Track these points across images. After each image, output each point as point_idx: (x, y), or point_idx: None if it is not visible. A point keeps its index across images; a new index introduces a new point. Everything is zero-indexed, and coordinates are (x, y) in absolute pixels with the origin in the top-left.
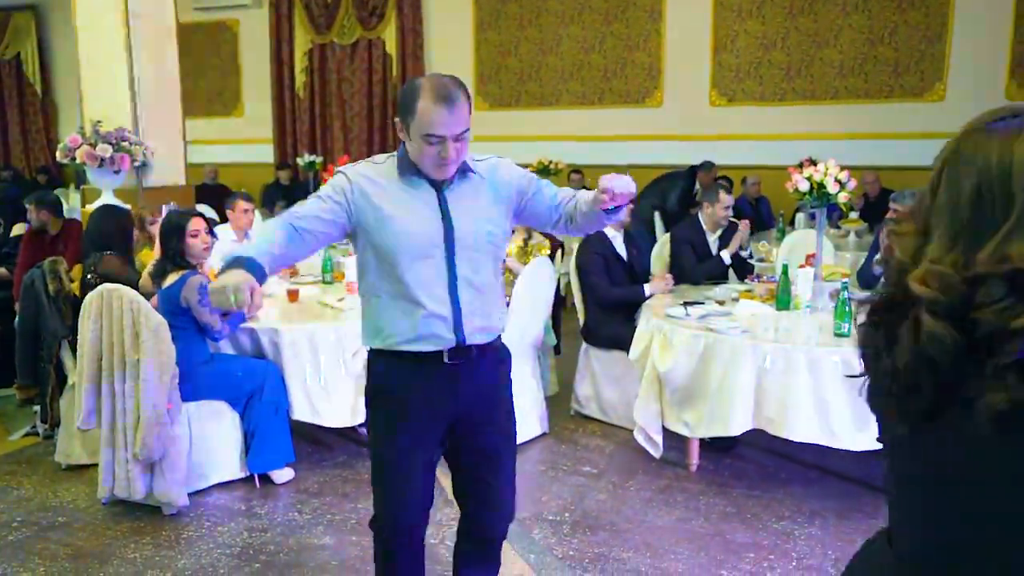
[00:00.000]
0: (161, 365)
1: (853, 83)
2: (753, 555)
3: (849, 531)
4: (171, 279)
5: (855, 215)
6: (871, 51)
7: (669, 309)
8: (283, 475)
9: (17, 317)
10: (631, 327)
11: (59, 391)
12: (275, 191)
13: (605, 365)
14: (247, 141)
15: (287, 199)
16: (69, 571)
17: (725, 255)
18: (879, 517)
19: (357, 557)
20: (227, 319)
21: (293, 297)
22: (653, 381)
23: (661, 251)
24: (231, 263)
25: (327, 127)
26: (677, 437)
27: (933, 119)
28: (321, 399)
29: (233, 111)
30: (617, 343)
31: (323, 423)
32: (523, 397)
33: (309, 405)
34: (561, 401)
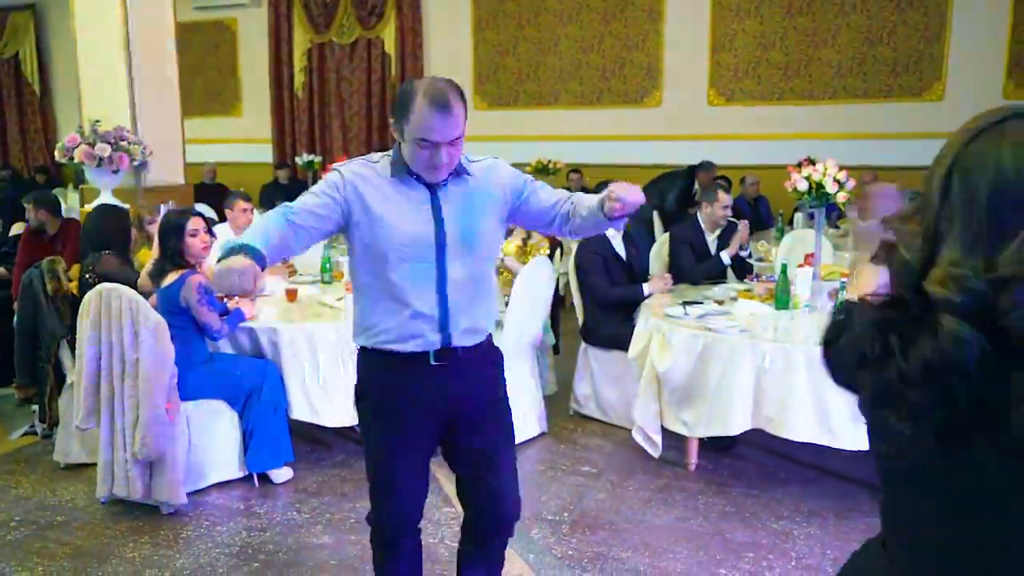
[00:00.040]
0: (160, 364)
1: (851, 83)
2: (752, 554)
3: (848, 531)
4: (170, 279)
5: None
6: (869, 51)
7: (668, 309)
8: (282, 474)
9: (15, 316)
10: (630, 327)
11: (58, 390)
12: (274, 190)
13: (604, 365)
14: (246, 140)
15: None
16: (68, 570)
17: (725, 256)
18: (878, 517)
19: (356, 556)
20: (226, 318)
21: (292, 296)
22: (652, 381)
23: (660, 251)
24: (231, 250)
25: (326, 126)
26: (676, 436)
27: (931, 119)
28: (320, 399)
29: (232, 110)
30: (616, 343)
31: (322, 423)
32: (522, 397)
33: (308, 405)
34: (560, 401)
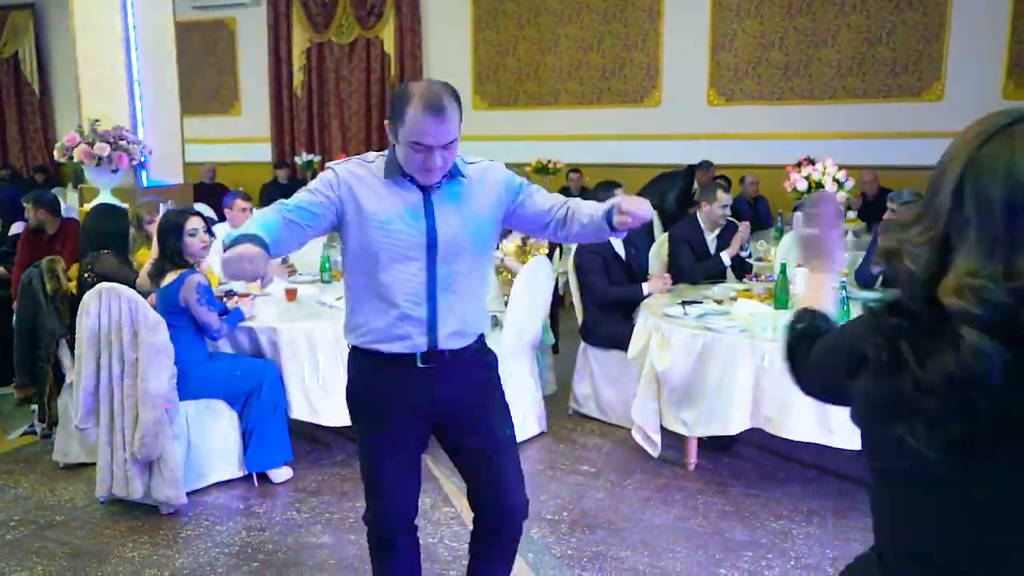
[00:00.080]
0: (159, 364)
1: (851, 83)
2: (751, 554)
3: (847, 530)
4: (169, 278)
5: (853, 214)
6: (869, 51)
7: (667, 308)
8: (281, 474)
9: (15, 316)
10: (629, 326)
11: (57, 390)
12: (273, 190)
13: (603, 364)
14: (245, 140)
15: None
16: (67, 570)
17: (725, 256)
18: None
19: (355, 556)
20: (225, 318)
21: (291, 296)
22: (651, 380)
23: (659, 250)
24: (238, 239)
25: (325, 126)
26: (675, 436)
27: (931, 119)
28: (319, 398)
29: (231, 110)
30: (615, 342)
31: (321, 422)
32: (521, 396)
33: (307, 404)
34: (559, 400)
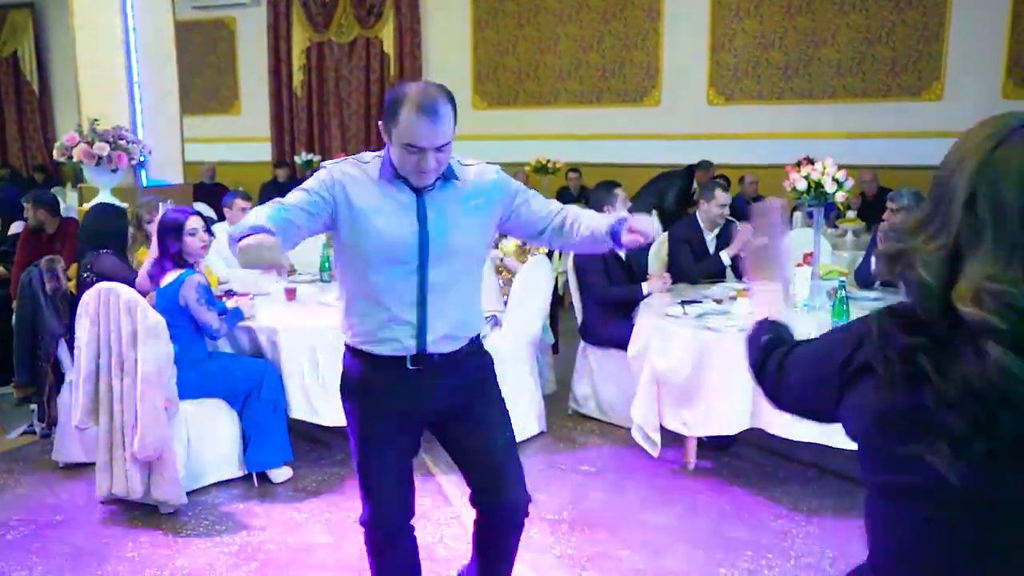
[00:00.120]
0: (159, 364)
1: (851, 82)
2: (751, 553)
3: (847, 530)
4: (169, 278)
5: (852, 214)
6: (869, 50)
7: (667, 308)
8: (281, 474)
9: (14, 315)
10: (629, 326)
11: (56, 390)
12: (273, 189)
13: (603, 364)
14: (245, 139)
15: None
16: (67, 570)
17: (725, 256)
18: None
19: (355, 556)
20: (225, 317)
21: (291, 296)
22: (651, 380)
23: (659, 250)
24: (248, 231)
25: (325, 125)
26: (675, 436)
27: (931, 118)
28: (319, 398)
29: (231, 109)
30: (615, 342)
31: (321, 422)
32: (521, 396)
33: (307, 404)
34: (559, 400)
